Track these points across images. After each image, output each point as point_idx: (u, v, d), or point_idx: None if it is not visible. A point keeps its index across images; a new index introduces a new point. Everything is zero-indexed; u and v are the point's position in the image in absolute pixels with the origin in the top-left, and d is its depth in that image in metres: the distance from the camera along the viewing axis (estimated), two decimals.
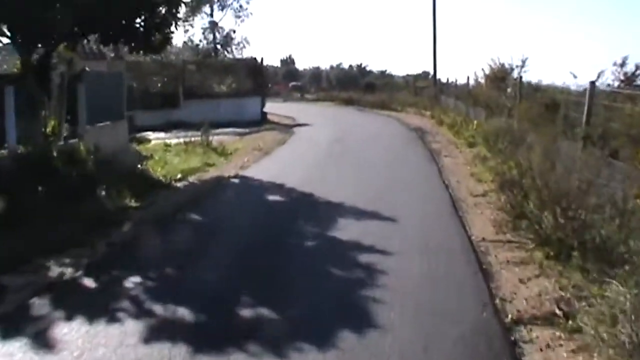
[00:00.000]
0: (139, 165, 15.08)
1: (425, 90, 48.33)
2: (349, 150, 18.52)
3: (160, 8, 15.05)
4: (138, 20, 14.85)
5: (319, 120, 30.57)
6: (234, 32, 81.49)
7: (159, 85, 29.77)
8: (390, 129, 25.79)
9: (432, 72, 48.78)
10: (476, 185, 12.72)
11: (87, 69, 16.26)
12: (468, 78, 26.53)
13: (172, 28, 15.72)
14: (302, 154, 18.24)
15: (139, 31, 14.92)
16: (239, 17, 79.87)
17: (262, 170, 14.98)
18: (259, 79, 31.88)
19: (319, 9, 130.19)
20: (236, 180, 13.98)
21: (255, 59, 32.88)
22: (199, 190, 12.85)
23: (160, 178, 13.72)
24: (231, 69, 31.71)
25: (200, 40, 79.99)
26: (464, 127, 21.54)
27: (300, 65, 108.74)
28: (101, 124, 15.45)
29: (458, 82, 32.08)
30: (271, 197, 12.04)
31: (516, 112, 16.17)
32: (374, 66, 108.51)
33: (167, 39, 16.56)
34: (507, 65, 19.59)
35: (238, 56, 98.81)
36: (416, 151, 18.28)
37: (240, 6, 78.82)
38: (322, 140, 21.01)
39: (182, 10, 15.88)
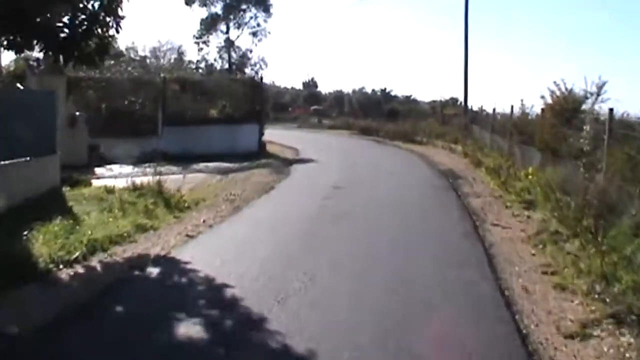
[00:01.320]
0: (26, 233, 9.65)
1: (454, 119, 42.82)
2: (353, 210, 12.85)
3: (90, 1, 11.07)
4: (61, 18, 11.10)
5: (327, 155, 25.26)
6: (251, 51, 77.58)
7: (135, 108, 24.39)
8: (414, 172, 20.23)
9: (461, 99, 43.67)
10: (559, 299, 7.10)
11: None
12: (512, 107, 20.85)
13: (112, 31, 11.53)
14: (286, 215, 12.70)
15: (60, 33, 11.10)
16: (255, 35, 75.90)
17: (212, 247, 9.75)
18: (257, 102, 26.48)
19: (343, 30, 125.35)
20: (154, 271, 8.46)
21: (253, 77, 27.53)
22: (72, 298, 7.26)
23: (43, 259, 8.32)
24: (224, 89, 26.33)
25: (215, 60, 76.13)
26: (512, 174, 15.94)
27: (324, 88, 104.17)
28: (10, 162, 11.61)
29: (495, 111, 26.31)
30: (181, 332, 6.21)
31: (603, 161, 10.59)
32: (399, 91, 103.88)
33: (105, 46, 11.95)
34: (577, 92, 13.85)
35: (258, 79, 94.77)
36: (450, 213, 12.71)
37: (258, 24, 74.90)
38: (319, 189, 15.67)
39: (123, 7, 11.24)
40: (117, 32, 11.54)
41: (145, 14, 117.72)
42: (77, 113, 20.54)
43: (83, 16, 11.19)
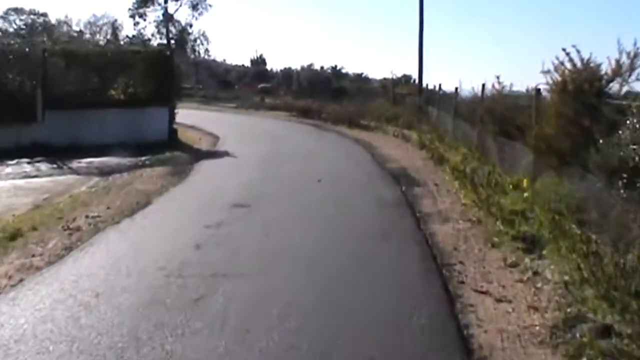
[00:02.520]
0: None
1: (407, 99, 37.89)
2: (241, 268, 7.43)
3: None
4: None
5: (249, 147, 20.09)
6: (191, 26, 71.72)
7: (8, 86, 18.78)
8: (355, 174, 14.87)
9: (416, 76, 38.82)
10: None
11: None
12: (484, 86, 15.91)
13: None
14: (126, 276, 7.24)
15: None
16: (195, 9, 69.97)
17: None
18: (168, 80, 20.97)
19: (293, 3, 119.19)
20: None
21: (162, 49, 22.05)
22: None
23: None
24: (126, 64, 20.66)
25: (153, 35, 69.87)
26: (492, 181, 11.02)
27: (273, 65, 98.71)
28: None
29: (458, 91, 21.34)
30: None
31: None
32: (351, 68, 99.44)
33: None
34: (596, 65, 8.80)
35: (203, 56, 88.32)
36: (404, 266, 7.49)
37: None
38: (212, 209, 10.67)
39: None
40: None
41: None
42: None
43: None
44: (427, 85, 34.92)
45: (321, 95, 45.72)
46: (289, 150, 18.60)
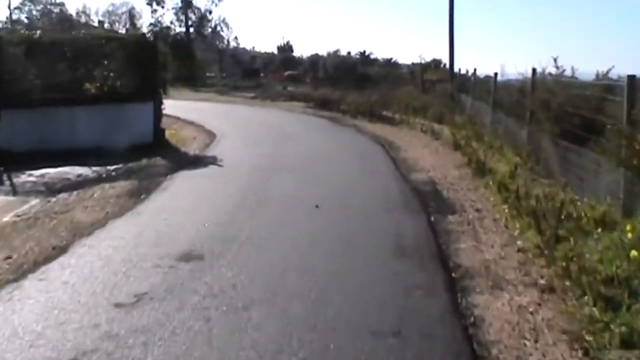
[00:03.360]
0: None
1: (437, 87, 34.02)
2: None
3: None
4: None
5: (246, 150, 16.67)
6: (210, 12, 68.42)
7: None
8: (369, 189, 11.33)
9: (446, 61, 34.93)
10: None
11: None
12: (534, 72, 12.14)
13: None
14: None
15: None
16: None
17: None
18: (152, 71, 17.51)
19: None
20: None
21: (143, 34, 18.49)
22: None
23: None
24: (100, 53, 17.17)
25: (172, 22, 66.73)
26: (568, 214, 7.30)
27: (301, 52, 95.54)
28: None
29: (497, 77, 17.57)
30: None
31: None
32: (380, 53, 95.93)
33: None
34: None
35: (227, 44, 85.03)
36: None
37: None
38: (161, 252, 7.17)
39: None
40: None
41: None
42: None
43: None
44: (459, 70, 30.94)
45: (345, 82, 42.13)
46: (291, 156, 15.02)
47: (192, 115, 24.85)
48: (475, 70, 23.18)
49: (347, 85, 38.37)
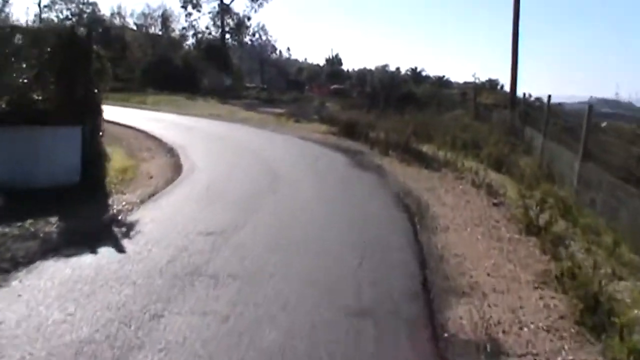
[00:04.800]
0: None
1: (494, 114, 27.76)
2: None
3: None
4: None
5: (198, 213, 10.25)
6: (249, 18, 63.19)
7: None
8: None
9: (504, 82, 28.65)
10: None
11: None
12: None
13: None
14: None
15: None
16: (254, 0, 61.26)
17: None
18: (81, 80, 11.77)
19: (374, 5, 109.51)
20: None
21: (72, 27, 12.65)
22: None
23: None
24: (5, 54, 11.53)
25: (207, 28, 61.74)
26: None
27: (349, 65, 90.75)
28: None
29: (591, 107, 11.37)
30: None
31: None
32: (432, 71, 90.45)
33: None
34: None
35: (271, 53, 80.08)
36: None
37: None
38: None
39: None
40: None
41: None
42: None
43: None
44: (524, 95, 24.62)
45: (386, 101, 36.15)
46: (256, 245, 8.78)
47: (181, 139, 19.28)
48: (549, 97, 16.81)
49: (386, 106, 32.37)
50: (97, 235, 8.67)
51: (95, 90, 12.39)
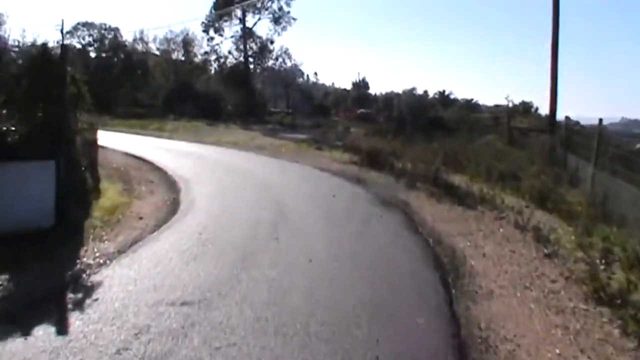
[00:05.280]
0: None
1: (529, 137, 25.57)
2: None
3: None
4: None
5: (181, 269, 8.27)
6: (272, 42, 61.44)
7: None
8: None
9: (538, 104, 26.41)
10: None
11: None
12: None
13: None
14: None
15: None
16: (277, 23, 59.65)
17: None
18: (52, 102, 9.99)
19: (401, 22, 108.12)
20: None
21: (44, 46, 10.79)
22: None
23: None
24: None
25: (230, 52, 60.20)
26: None
27: (376, 89, 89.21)
28: None
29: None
30: None
31: None
32: (460, 93, 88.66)
33: None
34: None
35: (297, 79, 78.77)
36: None
37: (280, 8, 58.52)
38: None
39: None
40: None
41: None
42: None
43: None
44: (566, 118, 22.45)
45: (414, 126, 34.19)
46: (241, 325, 6.69)
47: (188, 170, 17.56)
48: (600, 121, 14.63)
49: (414, 131, 30.34)
50: (44, 304, 6.81)
51: (74, 117, 10.58)
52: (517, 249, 9.46)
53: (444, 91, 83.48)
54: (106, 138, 26.96)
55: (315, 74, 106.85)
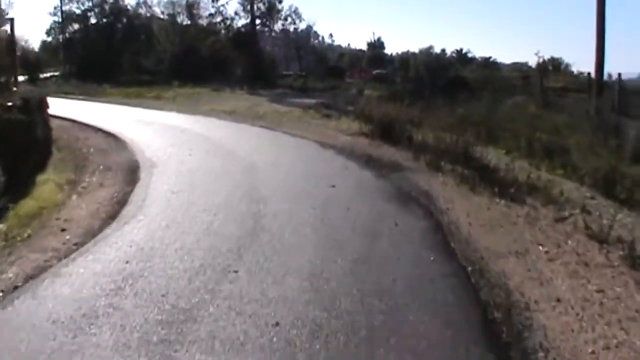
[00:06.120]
0: None
1: (565, 99, 21.79)
2: None
3: None
4: None
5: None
6: (280, 1, 57.33)
7: None
8: None
9: (569, 61, 22.51)
10: None
11: None
12: None
13: None
14: None
15: None
16: None
17: None
18: None
19: None
20: None
21: None
22: None
23: None
24: None
25: (236, 13, 56.27)
26: None
27: (391, 49, 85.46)
28: None
29: None
30: None
31: None
32: (478, 51, 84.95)
33: None
34: None
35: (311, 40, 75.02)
36: None
37: None
38: None
39: None
40: None
41: None
42: None
43: None
44: (619, 75, 18.67)
45: (433, 88, 30.48)
46: None
47: (160, 151, 14.19)
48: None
49: (433, 94, 26.59)
50: None
51: None
52: (606, 286, 5.92)
53: (461, 49, 79.26)
54: (88, 111, 23.73)
55: (331, 35, 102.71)
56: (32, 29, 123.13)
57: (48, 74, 49.72)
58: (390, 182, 10.96)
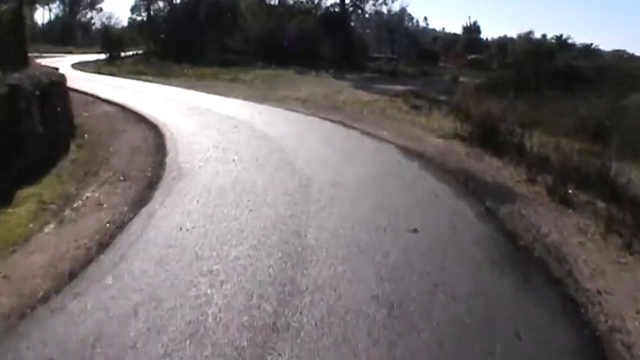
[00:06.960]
0: None
1: None
2: None
3: None
4: None
5: None
6: None
7: None
8: None
9: None
10: None
11: None
12: None
13: None
14: None
15: None
16: None
17: None
18: None
19: None
20: None
21: None
22: None
23: None
24: None
25: None
26: None
27: (488, 34, 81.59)
28: None
29: None
30: None
31: None
32: (577, 38, 79.39)
33: None
34: None
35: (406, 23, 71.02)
36: None
37: None
38: None
39: None
40: None
41: None
42: None
43: None
44: None
45: (540, 76, 26.17)
46: None
47: (198, 157, 10.95)
48: None
49: (538, 86, 22.30)
50: None
51: None
52: None
53: (560, 35, 73.58)
54: (146, 96, 21.12)
55: (425, 18, 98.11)
56: (121, 7, 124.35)
57: (130, 52, 48.33)
58: (499, 226, 7.23)
